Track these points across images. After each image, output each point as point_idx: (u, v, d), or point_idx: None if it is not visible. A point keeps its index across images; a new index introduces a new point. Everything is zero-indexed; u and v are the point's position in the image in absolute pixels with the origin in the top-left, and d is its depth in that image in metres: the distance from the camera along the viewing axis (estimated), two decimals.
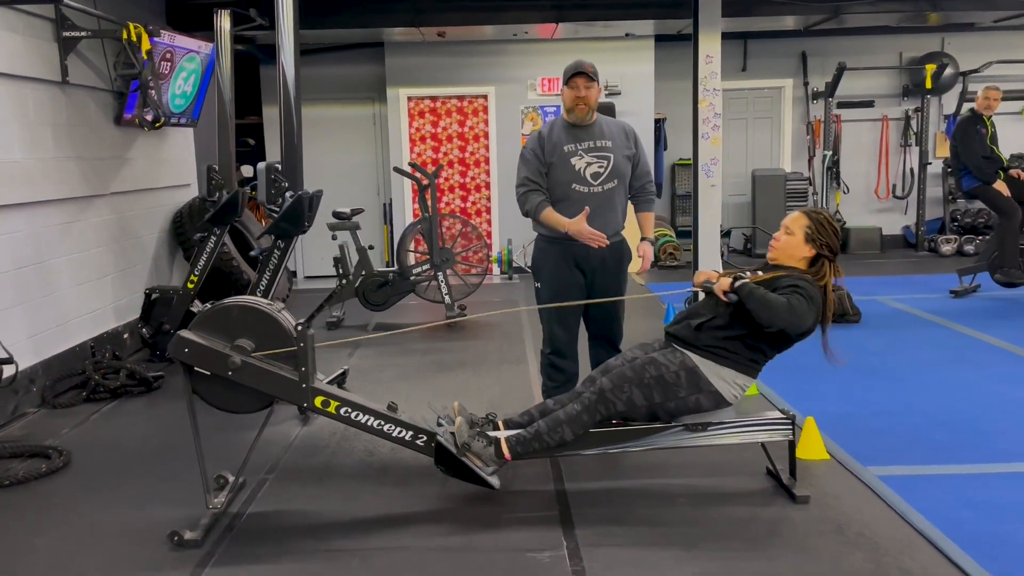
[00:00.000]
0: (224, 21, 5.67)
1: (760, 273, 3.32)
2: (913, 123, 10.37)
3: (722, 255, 9.75)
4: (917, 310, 6.83)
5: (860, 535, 3.01)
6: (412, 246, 7.28)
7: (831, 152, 10.27)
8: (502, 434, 3.32)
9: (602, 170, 3.95)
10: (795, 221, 3.30)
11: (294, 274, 9.49)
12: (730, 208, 10.70)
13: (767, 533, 3.05)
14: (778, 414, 3.41)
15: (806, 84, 10.40)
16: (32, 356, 4.88)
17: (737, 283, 3.16)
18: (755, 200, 10.21)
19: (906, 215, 10.64)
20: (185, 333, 3.21)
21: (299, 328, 3.23)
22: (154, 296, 5.85)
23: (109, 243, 5.95)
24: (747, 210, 10.50)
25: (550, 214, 3.91)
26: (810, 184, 10.41)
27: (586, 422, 3.25)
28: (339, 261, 6.13)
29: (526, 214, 4.04)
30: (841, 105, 10.33)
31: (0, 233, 4.66)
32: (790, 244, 3.28)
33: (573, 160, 3.93)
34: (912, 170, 10.48)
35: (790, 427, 3.38)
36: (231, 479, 3.35)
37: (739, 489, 3.45)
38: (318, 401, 3.25)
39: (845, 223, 10.52)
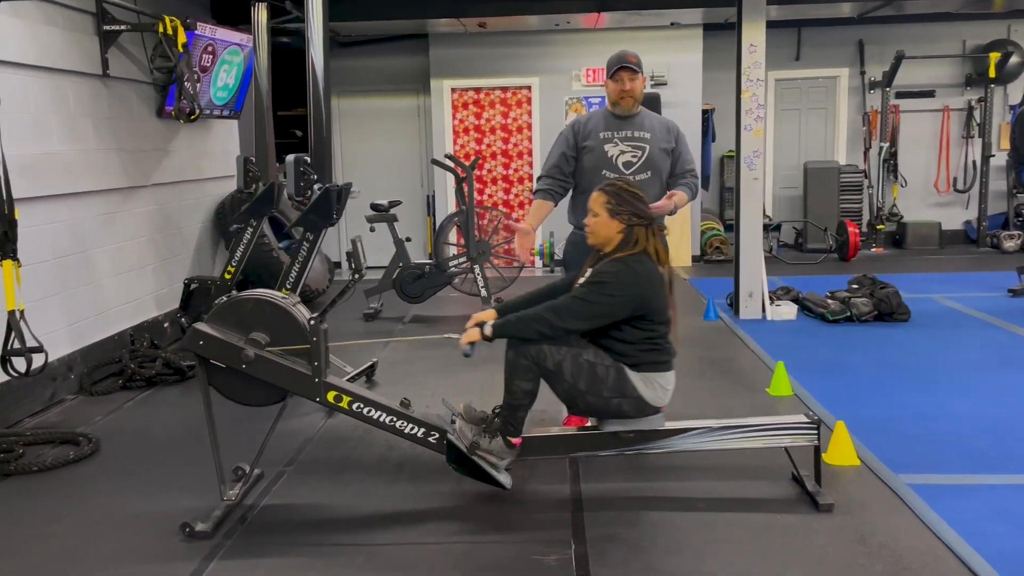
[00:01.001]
0: (261, 14, 5.69)
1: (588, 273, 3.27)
2: (976, 114, 9.97)
3: (770, 249, 9.55)
4: (971, 309, 6.56)
5: (883, 546, 2.88)
6: (453, 238, 7.26)
7: (888, 144, 9.94)
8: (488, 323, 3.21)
9: (635, 160, 3.89)
10: (595, 201, 3.25)
11: (337, 264, 9.55)
12: (781, 201, 10.45)
13: (784, 541, 2.94)
14: (803, 418, 3.29)
15: (863, 73, 10.07)
16: (70, 344, 5.00)
17: (486, 328, 3.15)
18: (807, 193, 9.94)
19: (967, 209, 10.25)
20: (200, 326, 3.22)
21: (312, 323, 3.22)
22: (193, 286, 5.92)
23: (151, 233, 6.06)
24: (799, 203, 10.23)
25: (534, 206, 4.01)
26: (865, 177, 10.09)
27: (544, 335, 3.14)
28: (351, 256, 6.14)
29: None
30: (900, 95, 10.00)
31: (40, 223, 4.76)
32: (599, 225, 3.24)
33: (607, 147, 3.91)
34: (974, 163, 10.08)
35: (815, 432, 3.26)
36: (248, 470, 3.36)
37: (762, 495, 3.33)
38: (331, 396, 3.24)
39: (902, 217, 10.18)
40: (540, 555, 2.88)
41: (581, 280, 3.28)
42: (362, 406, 3.26)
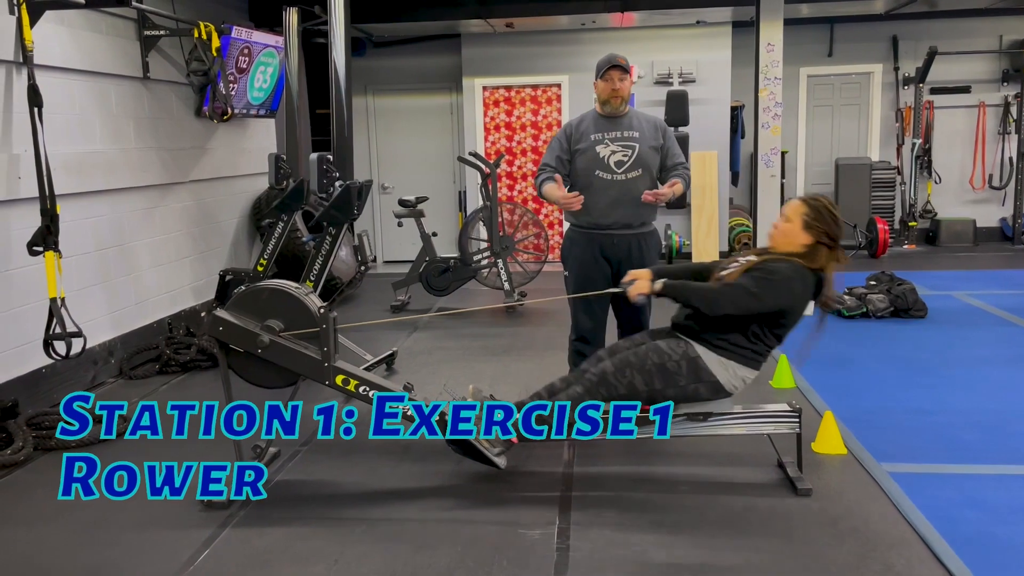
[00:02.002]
0: (292, 18, 5.98)
1: (752, 258, 3.33)
2: (1013, 110, 9.86)
3: None
4: (991, 306, 6.56)
5: (853, 529, 3.02)
6: (482, 233, 7.47)
7: (921, 140, 9.89)
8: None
9: (626, 159, 4.06)
10: (793, 209, 3.29)
11: (372, 258, 9.85)
12: None
13: (759, 522, 3.09)
14: (785, 407, 3.44)
15: (896, 69, 10.02)
16: (111, 331, 5.33)
17: (658, 284, 3.31)
18: (838, 190, 9.93)
19: (1003, 207, 10.13)
20: (220, 313, 3.48)
21: (322, 311, 3.46)
22: (228, 278, 6.23)
23: (188, 227, 6.38)
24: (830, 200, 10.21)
25: (550, 188, 4.09)
26: (898, 173, 10.05)
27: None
28: (358, 249, 6.36)
29: (539, 194, 4.23)
30: (935, 91, 9.92)
31: (83, 217, 5.09)
32: (788, 232, 3.27)
33: (599, 148, 4.08)
34: (1011, 159, 9.96)
35: (796, 420, 3.40)
36: (264, 447, 3.61)
37: (745, 480, 3.48)
38: (339, 379, 3.47)
39: (936, 214, 10.12)
40: (526, 529, 3.08)
41: (741, 260, 3.35)
42: (368, 389, 3.48)
